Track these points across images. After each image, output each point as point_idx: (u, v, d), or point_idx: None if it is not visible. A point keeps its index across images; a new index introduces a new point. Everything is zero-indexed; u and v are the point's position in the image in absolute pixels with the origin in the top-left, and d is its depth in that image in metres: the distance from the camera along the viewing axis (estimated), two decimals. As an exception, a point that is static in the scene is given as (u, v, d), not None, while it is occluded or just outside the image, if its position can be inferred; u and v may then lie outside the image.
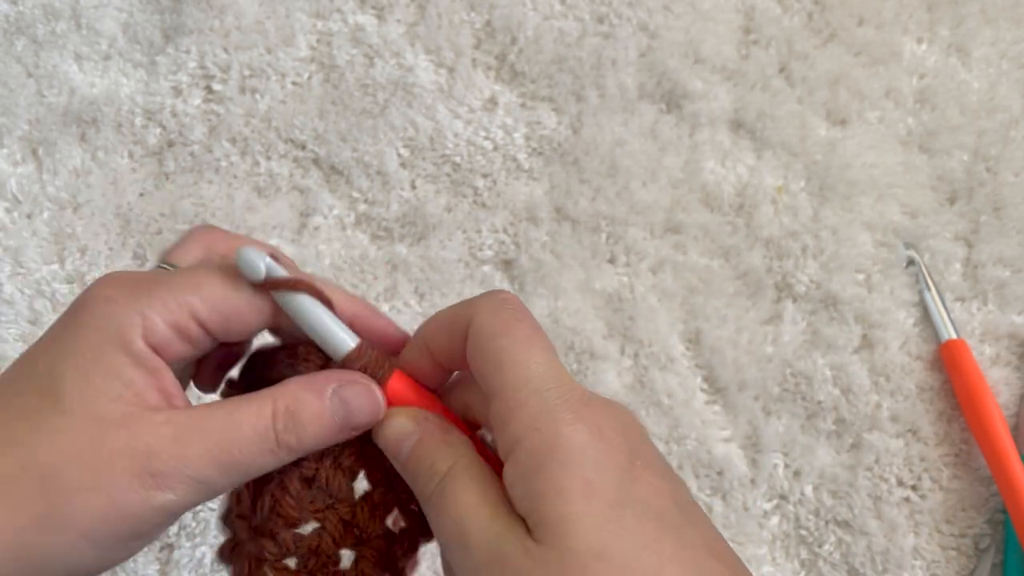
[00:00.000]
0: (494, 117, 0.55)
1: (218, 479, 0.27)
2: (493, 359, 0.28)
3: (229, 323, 0.29)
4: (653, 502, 0.25)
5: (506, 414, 0.27)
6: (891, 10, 0.57)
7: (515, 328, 0.28)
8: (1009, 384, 0.51)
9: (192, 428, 0.27)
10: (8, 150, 0.54)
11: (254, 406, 0.28)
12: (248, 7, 0.56)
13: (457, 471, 0.27)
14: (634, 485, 0.25)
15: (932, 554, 0.48)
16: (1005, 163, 0.55)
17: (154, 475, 0.26)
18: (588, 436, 0.26)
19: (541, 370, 0.27)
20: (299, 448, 0.29)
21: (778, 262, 0.53)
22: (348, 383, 0.29)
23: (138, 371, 0.27)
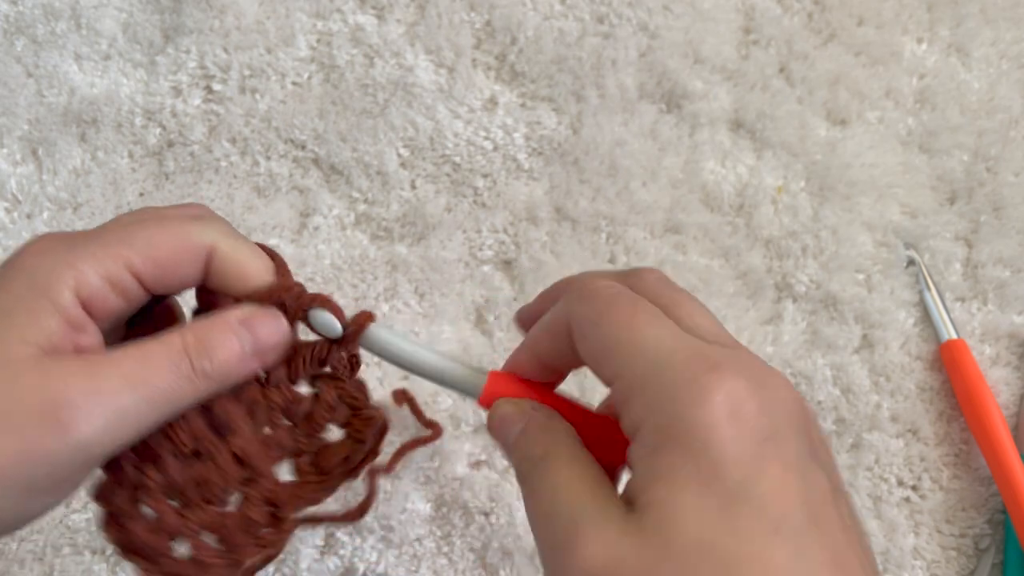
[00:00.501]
0: (494, 117, 0.55)
1: (135, 409, 0.27)
2: (601, 351, 0.26)
3: (164, 273, 0.29)
4: (775, 501, 0.23)
5: (625, 402, 0.25)
6: (891, 10, 0.57)
7: (612, 311, 0.26)
8: (1009, 384, 0.51)
9: (104, 361, 0.27)
10: (8, 150, 0.54)
11: (164, 338, 0.28)
12: (248, 7, 0.56)
13: (552, 456, 0.27)
14: (759, 478, 0.23)
15: (932, 554, 0.48)
16: (1005, 163, 0.55)
17: (68, 407, 0.25)
18: (717, 416, 0.23)
19: (657, 344, 0.25)
20: (214, 374, 0.28)
21: (778, 262, 0.53)
22: (253, 313, 0.30)
23: (58, 321, 0.27)
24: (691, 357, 0.24)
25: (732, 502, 0.22)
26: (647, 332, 0.25)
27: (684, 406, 0.23)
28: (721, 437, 0.23)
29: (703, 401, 0.23)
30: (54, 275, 0.27)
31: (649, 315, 0.26)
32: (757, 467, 0.23)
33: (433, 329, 0.51)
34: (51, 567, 0.46)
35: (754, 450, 0.23)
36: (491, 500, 0.48)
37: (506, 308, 0.51)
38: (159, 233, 0.29)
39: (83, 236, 0.29)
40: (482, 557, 0.47)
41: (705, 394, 0.23)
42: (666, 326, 0.26)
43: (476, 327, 0.51)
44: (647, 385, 0.24)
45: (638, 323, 0.26)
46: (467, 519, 0.48)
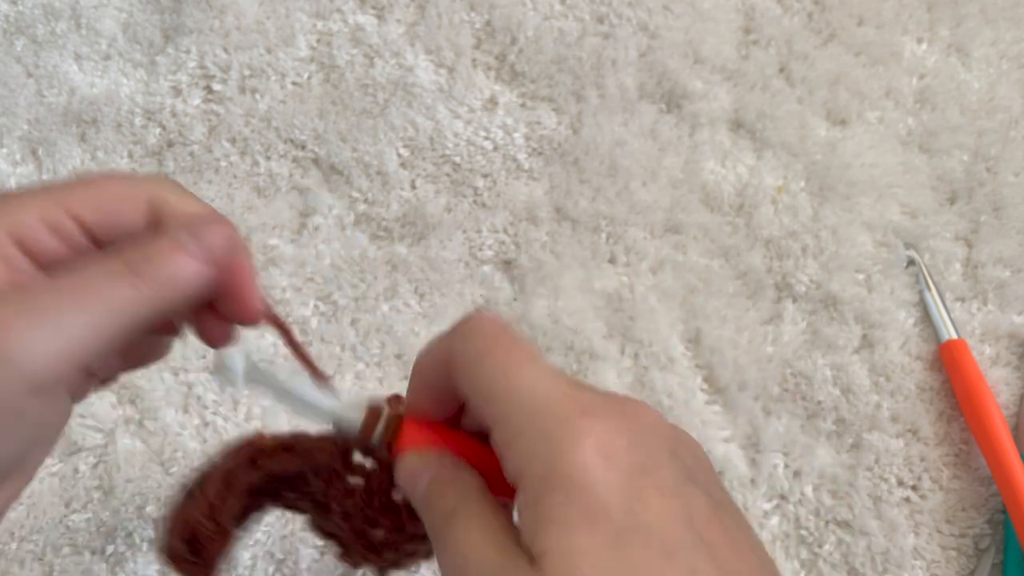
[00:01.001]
0: (494, 117, 0.55)
1: (78, 322, 0.25)
2: (479, 391, 0.26)
3: (105, 218, 0.28)
4: (661, 527, 0.23)
5: (505, 447, 0.26)
6: (891, 10, 0.57)
7: (493, 352, 0.27)
8: (1009, 384, 0.51)
9: (38, 284, 0.25)
10: (8, 150, 0.54)
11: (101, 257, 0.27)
12: (248, 7, 0.56)
13: (462, 509, 0.27)
14: (643, 508, 0.23)
15: (932, 554, 0.48)
16: (1005, 163, 0.55)
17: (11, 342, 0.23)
18: (592, 456, 0.24)
19: (530, 392, 0.25)
20: (158, 277, 0.26)
21: (778, 262, 0.53)
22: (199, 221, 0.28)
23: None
24: (562, 403, 0.25)
25: (621, 535, 0.23)
26: (522, 377, 0.26)
27: (559, 452, 0.24)
28: (598, 477, 0.24)
29: (576, 445, 0.24)
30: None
31: (526, 356, 0.26)
32: (638, 498, 0.24)
33: (433, 329, 0.51)
34: (51, 567, 0.46)
35: (631, 483, 0.24)
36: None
37: (506, 308, 0.51)
38: (101, 182, 0.28)
39: (28, 187, 0.28)
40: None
41: (577, 438, 0.24)
42: (541, 368, 0.26)
43: (476, 327, 0.51)
44: (522, 433, 0.25)
45: (513, 365, 0.26)
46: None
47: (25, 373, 0.24)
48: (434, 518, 0.28)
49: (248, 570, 0.46)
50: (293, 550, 0.46)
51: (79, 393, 0.30)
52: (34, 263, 0.27)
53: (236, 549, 0.46)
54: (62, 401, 0.27)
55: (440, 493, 0.28)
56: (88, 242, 0.28)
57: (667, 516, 0.24)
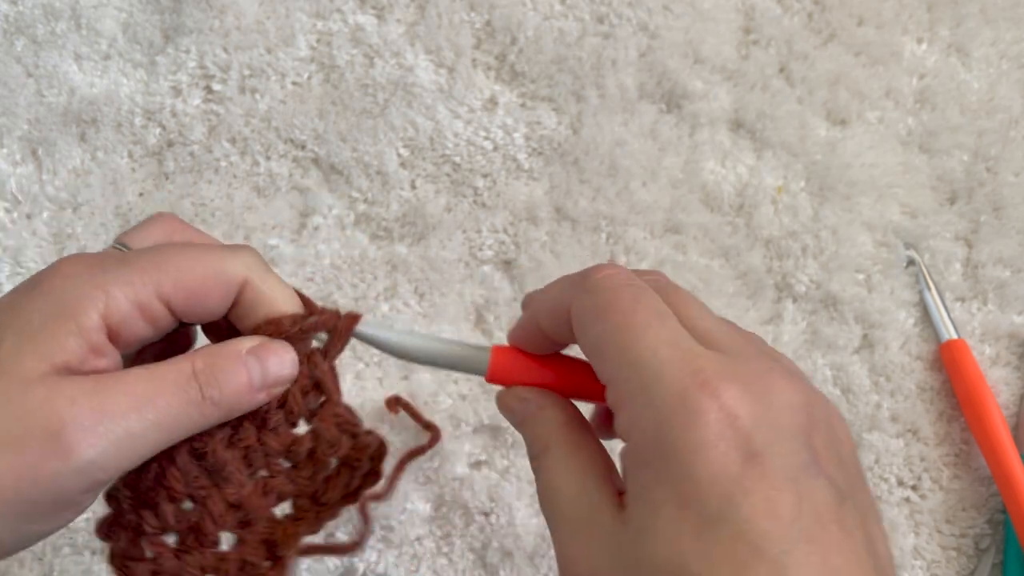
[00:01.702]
0: (494, 117, 0.55)
1: (142, 433, 0.26)
2: (597, 351, 0.26)
3: (194, 303, 0.29)
4: (758, 523, 0.22)
5: (617, 407, 0.26)
6: (891, 10, 0.57)
7: (615, 310, 0.26)
8: (1009, 384, 0.51)
9: (113, 382, 0.26)
10: (8, 150, 0.54)
11: (174, 362, 0.28)
12: (248, 7, 0.56)
13: (549, 452, 0.28)
14: (742, 499, 0.22)
15: (932, 554, 0.48)
16: (1005, 163, 0.55)
17: (73, 430, 0.25)
18: (701, 437, 0.23)
19: (649, 356, 0.25)
20: (222, 402, 0.28)
21: (778, 262, 0.53)
22: (263, 344, 0.30)
23: (79, 343, 0.26)
24: (682, 371, 0.24)
25: (709, 527, 0.22)
26: (642, 338, 0.25)
27: (669, 427, 0.23)
28: (704, 460, 0.23)
29: (688, 423, 0.23)
30: (85, 297, 0.27)
31: (649, 315, 0.26)
32: (740, 489, 0.22)
33: (433, 329, 0.51)
34: (51, 567, 0.46)
35: (738, 471, 0.23)
36: (491, 500, 0.48)
37: (506, 308, 0.51)
38: (193, 262, 0.29)
39: (116, 259, 0.28)
40: (482, 557, 0.47)
41: (692, 415, 0.23)
42: (665, 328, 0.25)
43: (476, 327, 0.51)
44: (636, 398, 0.25)
45: (636, 325, 0.25)
46: (467, 519, 0.48)
47: (91, 478, 0.25)
48: (530, 457, 0.29)
49: (248, 570, 0.46)
50: (293, 550, 0.46)
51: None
52: (120, 344, 0.28)
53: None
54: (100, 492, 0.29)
55: (529, 434, 0.29)
56: (173, 322, 0.29)
57: (770, 510, 0.22)
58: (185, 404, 0.27)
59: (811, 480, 0.23)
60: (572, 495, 0.26)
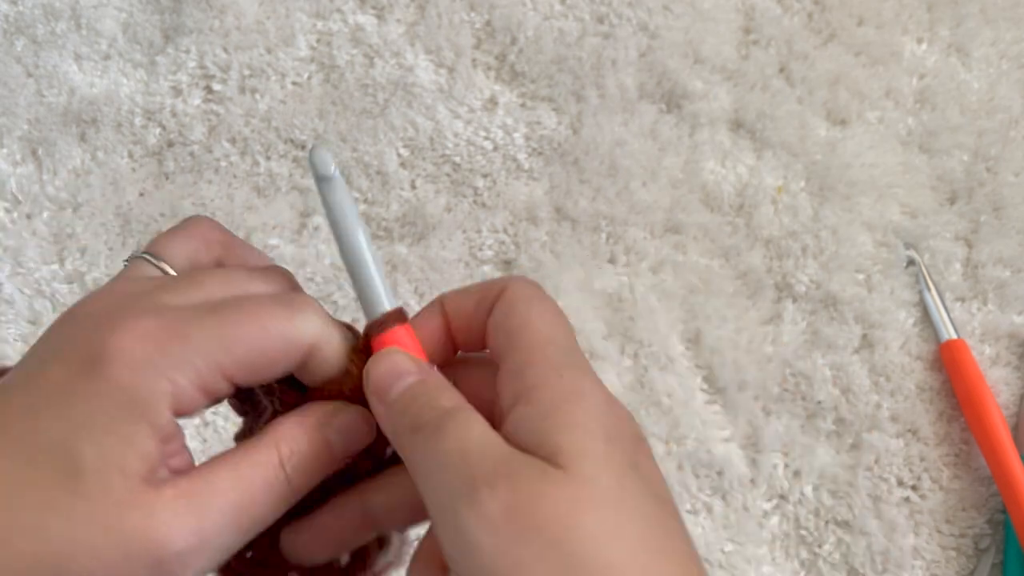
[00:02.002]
0: (494, 117, 0.55)
1: (236, 541, 0.26)
2: (522, 319, 0.27)
3: (257, 374, 0.27)
4: (652, 483, 0.25)
5: (525, 366, 0.26)
6: (891, 10, 0.57)
7: (546, 302, 0.28)
8: (1009, 384, 0.51)
9: (204, 494, 0.25)
10: (8, 150, 0.54)
11: (260, 457, 0.27)
12: (248, 7, 0.56)
13: (463, 409, 0.26)
14: (640, 461, 0.25)
15: (932, 554, 0.48)
16: (1005, 163, 0.55)
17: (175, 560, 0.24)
18: (607, 401, 0.25)
19: (565, 339, 0.27)
20: (310, 484, 0.27)
21: (778, 262, 0.53)
22: (338, 411, 0.28)
23: (156, 442, 0.25)
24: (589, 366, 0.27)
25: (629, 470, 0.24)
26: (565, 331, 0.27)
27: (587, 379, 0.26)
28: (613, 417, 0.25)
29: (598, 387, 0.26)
30: (152, 392, 0.25)
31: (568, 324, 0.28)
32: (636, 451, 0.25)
33: (433, 329, 0.51)
34: (51, 567, 0.46)
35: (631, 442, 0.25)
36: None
37: (506, 308, 0.51)
38: (258, 332, 0.27)
39: (178, 337, 0.26)
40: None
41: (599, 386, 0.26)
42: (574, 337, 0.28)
43: (476, 327, 0.51)
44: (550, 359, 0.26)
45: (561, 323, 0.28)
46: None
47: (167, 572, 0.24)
48: (419, 413, 0.26)
49: (248, 570, 0.46)
50: (293, 550, 0.46)
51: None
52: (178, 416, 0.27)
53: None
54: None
55: (433, 392, 0.27)
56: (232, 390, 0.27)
57: (654, 478, 0.25)
58: (276, 500, 0.26)
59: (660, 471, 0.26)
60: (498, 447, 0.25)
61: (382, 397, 0.27)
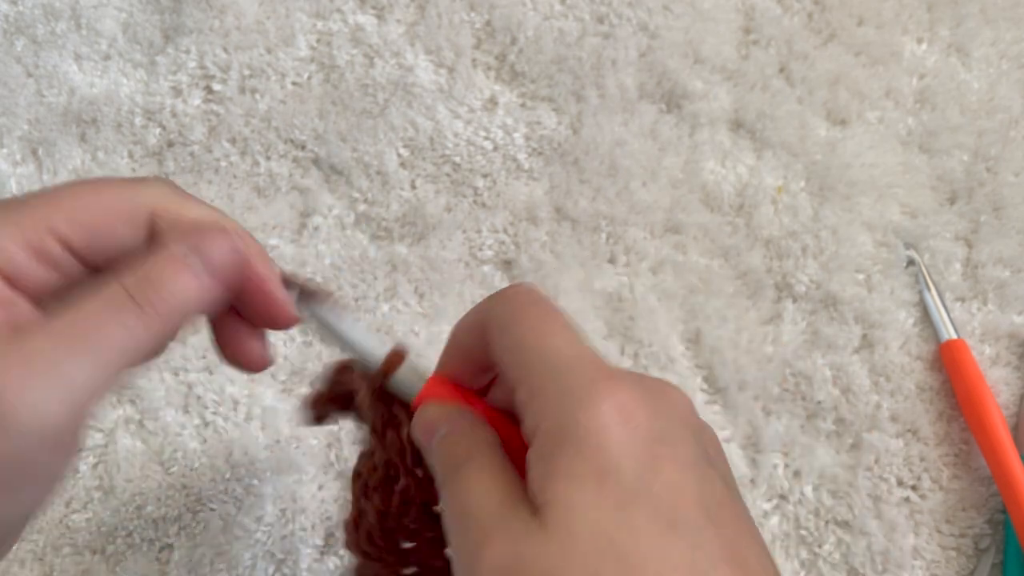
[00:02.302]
0: (494, 117, 0.55)
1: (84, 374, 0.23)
2: (509, 350, 0.27)
3: (96, 238, 0.26)
4: (670, 499, 0.23)
5: (526, 402, 0.26)
6: (891, 10, 0.57)
7: (528, 315, 0.27)
8: (1009, 384, 0.51)
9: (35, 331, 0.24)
10: (8, 150, 0.54)
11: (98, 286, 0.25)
12: (248, 7, 0.56)
13: (473, 459, 0.27)
14: (655, 477, 0.23)
15: (932, 554, 0.48)
16: (1005, 163, 0.55)
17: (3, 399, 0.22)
18: (610, 419, 0.24)
19: (558, 352, 0.26)
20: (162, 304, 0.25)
21: (778, 262, 0.53)
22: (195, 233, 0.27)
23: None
24: (588, 365, 0.25)
25: (628, 499, 0.23)
26: (552, 340, 0.26)
27: (578, 409, 0.24)
28: (614, 438, 0.23)
29: (596, 404, 0.24)
30: None
31: (560, 323, 0.27)
32: (651, 467, 0.23)
33: (433, 329, 0.51)
34: (51, 567, 0.46)
35: (647, 450, 0.24)
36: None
37: (506, 308, 0.51)
38: (88, 194, 0.26)
39: (7, 203, 0.25)
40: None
41: (598, 399, 0.24)
42: (572, 335, 0.27)
43: (476, 327, 0.51)
44: (545, 389, 0.25)
45: (546, 328, 0.26)
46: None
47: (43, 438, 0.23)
48: (444, 467, 0.27)
49: (248, 570, 0.46)
50: (293, 550, 0.46)
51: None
52: (24, 295, 0.25)
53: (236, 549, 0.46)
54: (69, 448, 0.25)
55: (454, 442, 0.28)
56: (79, 265, 0.26)
57: (679, 488, 0.23)
58: (119, 319, 0.24)
59: (709, 470, 0.25)
60: (492, 499, 0.25)
61: (428, 455, 0.29)
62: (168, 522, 0.47)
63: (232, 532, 0.47)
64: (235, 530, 0.46)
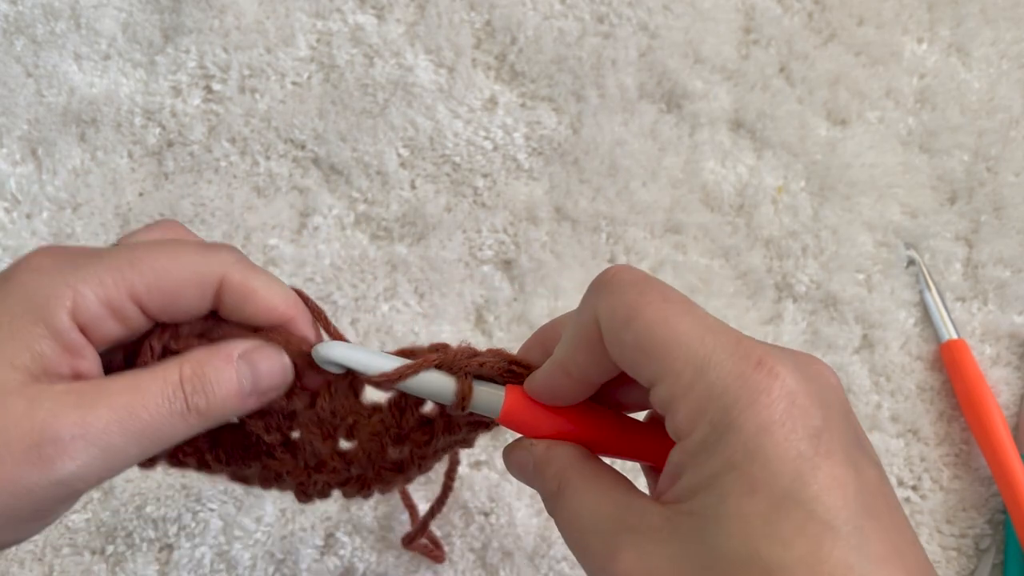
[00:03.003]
0: (494, 117, 0.55)
1: (124, 446, 0.26)
2: (637, 348, 0.25)
3: (169, 303, 0.28)
4: (827, 500, 0.22)
5: (669, 405, 0.24)
6: (891, 10, 0.57)
7: (647, 303, 0.25)
8: (1009, 384, 0.51)
9: (96, 392, 0.26)
10: (8, 150, 0.54)
11: (161, 370, 0.27)
12: (248, 7, 0.56)
13: (566, 487, 0.27)
14: (811, 477, 0.22)
15: (932, 554, 0.48)
16: (1005, 163, 0.55)
17: (53, 443, 0.24)
18: (768, 416, 0.22)
19: (695, 340, 0.24)
20: (208, 413, 0.27)
21: (778, 262, 0.53)
22: (256, 348, 0.29)
23: (53, 345, 0.26)
24: (733, 354, 0.24)
25: (780, 507, 0.22)
26: (682, 327, 0.24)
27: (732, 410, 0.23)
28: (772, 440, 0.22)
29: (753, 402, 0.23)
30: (52, 296, 0.26)
31: (681, 305, 0.25)
32: (810, 465, 0.22)
33: (433, 329, 0.51)
34: (51, 567, 0.46)
35: (806, 448, 0.22)
36: (491, 500, 0.48)
37: (506, 308, 0.51)
38: (166, 260, 0.28)
39: (86, 255, 0.27)
40: (482, 557, 0.47)
41: (755, 395, 0.23)
42: (699, 316, 0.25)
43: (476, 327, 0.51)
44: (692, 388, 0.24)
45: (672, 316, 0.25)
46: (467, 519, 0.48)
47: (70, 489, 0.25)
48: (545, 500, 0.28)
49: (248, 570, 0.46)
50: (293, 550, 0.46)
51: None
52: (92, 343, 0.27)
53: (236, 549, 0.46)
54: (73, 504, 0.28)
55: (542, 477, 0.28)
56: (147, 323, 0.28)
57: (838, 486, 0.22)
58: (169, 415, 0.26)
59: (863, 459, 0.23)
60: (608, 513, 0.25)
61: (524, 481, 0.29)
62: (168, 522, 0.47)
63: (232, 532, 0.46)
64: (235, 530, 0.46)
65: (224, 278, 0.28)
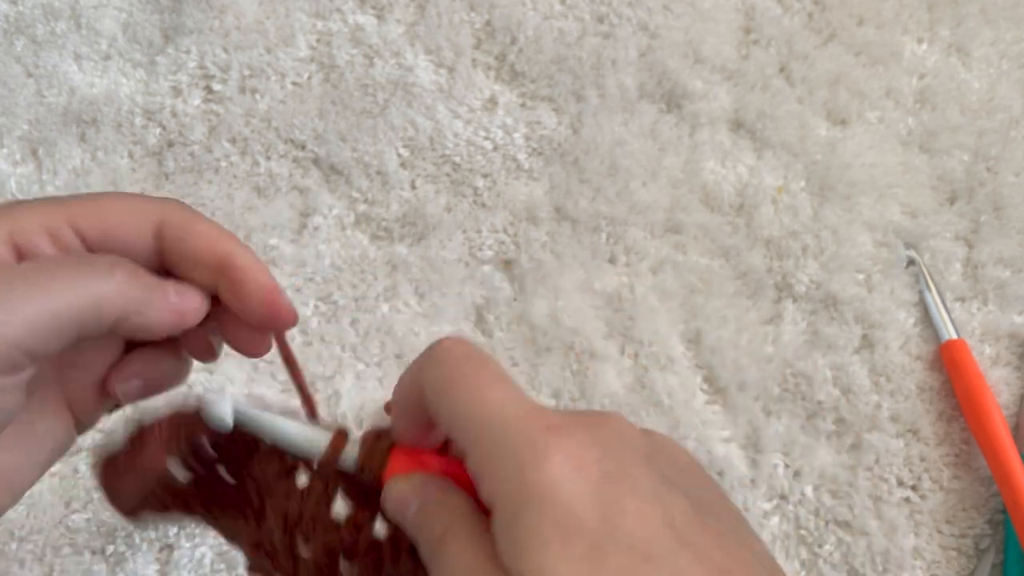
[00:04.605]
0: (494, 117, 0.55)
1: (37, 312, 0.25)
2: (451, 418, 0.26)
3: (108, 231, 0.28)
4: (640, 533, 0.23)
5: (478, 470, 0.25)
6: (891, 10, 0.57)
7: (461, 376, 0.26)
8: (1009, 384, 0.51)
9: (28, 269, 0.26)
10: (8, 150, 0.54)
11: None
12: (248, 7, 0.56)
13: (450, 533, 0.26)
14: (619, 516, 0.23)
15: (932, 554, 0.48)
16: (1005, 163, 0.55)
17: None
18: (560, 470, 0.24)
19: (497, 412, 0.25)
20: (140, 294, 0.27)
21: (778, 262, 0.53)
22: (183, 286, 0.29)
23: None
24: (526, 421, 0.25)
25: (598, 546, 0.23)
26: (488, 400, 0.25)
27: (527, 470, 0.24)
28: (568, 489, 0.23)
29: (544, 461, 0.24)
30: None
31: (491, 377, 0.26)
32: (612, 506, 0.23)
33: (433, 329, 0.51)
34: (51, 567, 0.46)
35: (605, 492, 0.23)
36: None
37: (506, 308, 0.51)
38: (110, 199, 0.29)
39: (37, 200, 0.28)
40: None
41: (545, 454, 0.24)
42: (506, 389, 0.26)
43: (476, 327, 0.51)
44: (492, 456, 0.25)
45: (480, 388, 0.26)
46: None
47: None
48: (425, 543, 0.27)
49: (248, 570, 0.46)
50: (293, 550, 0.46)
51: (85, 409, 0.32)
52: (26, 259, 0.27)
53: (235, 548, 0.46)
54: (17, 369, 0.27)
55: (429, 517, 0.27)
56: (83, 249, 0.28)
57: (645, 520, 0.23)
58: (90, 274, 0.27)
59: (670, 494, 0.24)
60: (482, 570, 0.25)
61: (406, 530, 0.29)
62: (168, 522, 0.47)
63: (232, 532, 0.47)
64: (235, 530, 0.47)
65: (165, 216, 0.29)
